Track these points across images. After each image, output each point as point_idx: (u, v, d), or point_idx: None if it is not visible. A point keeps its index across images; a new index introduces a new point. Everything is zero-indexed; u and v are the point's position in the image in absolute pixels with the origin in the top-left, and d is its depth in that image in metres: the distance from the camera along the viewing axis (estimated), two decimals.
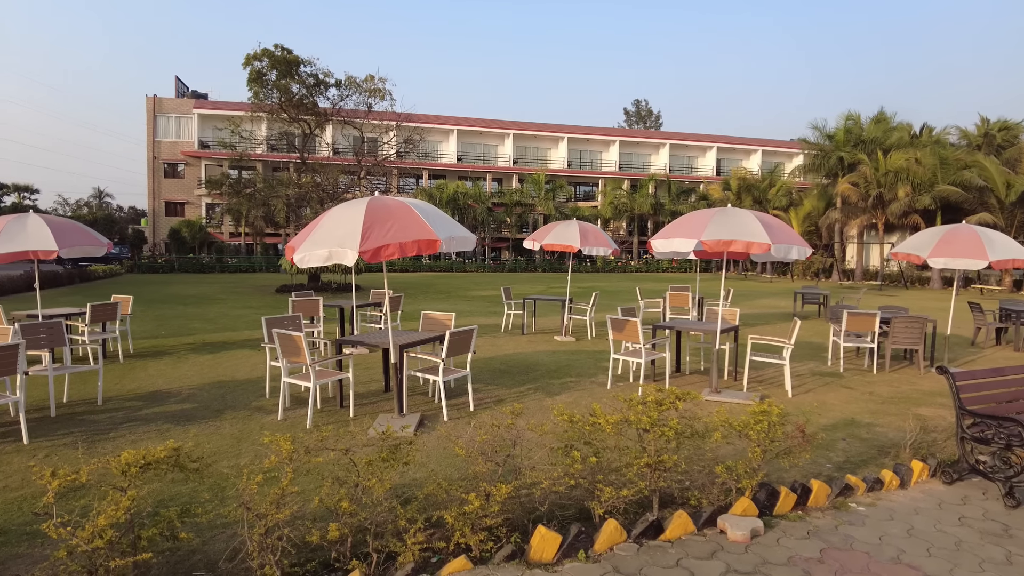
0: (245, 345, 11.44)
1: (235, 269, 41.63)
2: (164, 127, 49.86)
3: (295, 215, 29.02)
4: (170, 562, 3.67)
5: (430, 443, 5.82)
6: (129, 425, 6.43)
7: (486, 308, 18.63)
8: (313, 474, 3.86)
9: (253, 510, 3.19)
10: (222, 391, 7.89)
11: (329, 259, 5.60)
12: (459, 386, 8.05)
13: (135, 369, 9.20)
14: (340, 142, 44.79)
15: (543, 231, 12.20)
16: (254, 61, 25.39)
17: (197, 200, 49.71)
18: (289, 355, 6.58)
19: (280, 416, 6.69)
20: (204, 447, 5.66)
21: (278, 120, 28.04)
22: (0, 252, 8.00)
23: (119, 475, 3.10)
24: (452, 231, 6.15)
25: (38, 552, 3.80)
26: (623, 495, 4.01)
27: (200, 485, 4.68)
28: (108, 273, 33.26)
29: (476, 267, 47.05)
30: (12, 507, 4.40)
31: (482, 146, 57.36)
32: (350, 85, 26.53)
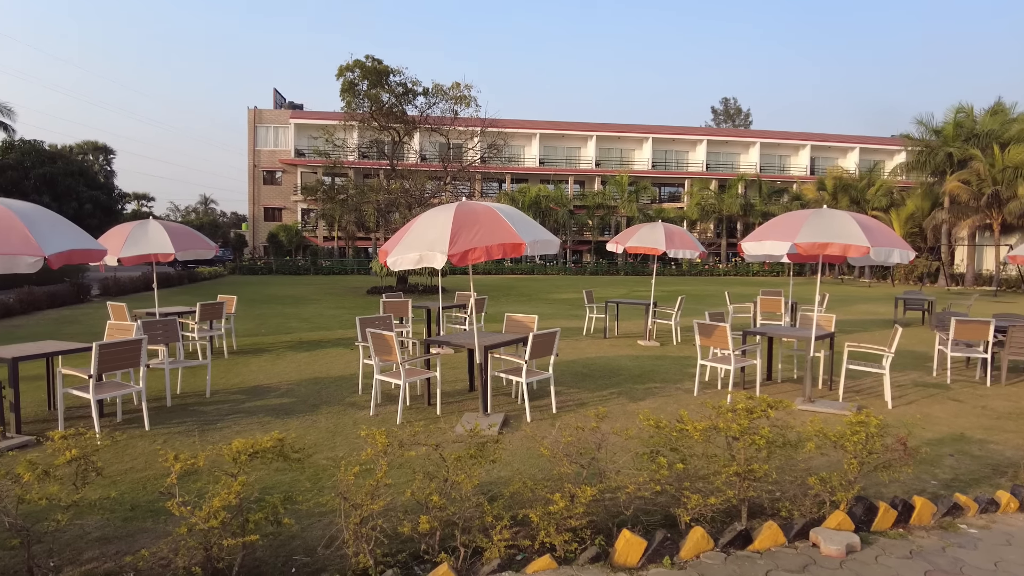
0: (339, 344, 11.98)
1: (328, 271, 43.55)
2: (263, 137, 52.88)
3: (384, 220, 30.06)
4: (272, 545, 3.92)
5: (514, 443, 5.91)
6: (234, 416, 6.90)
7: (567, 311, 18.63)
8: (405, 468, 4.03)
9: (350, 500, 3.37)
10: (318, 387, 8.32)
11: (420, 262, 5.80)
12: (541, 388, 8.12)
13: (238, 365, 9.84)
14: (427, 149, 46.01)
15: (627, 233, 12.09)
16: (347, 72, 26.52)
17: (293, 206, 52.42)
18: (381, 353, 6.86)
19: (372, 412, 6.99)
20: (303, 439, 5.99)
21: (369, 128, 29.13)
22: (127, 255, 8.80)
23: (230, 462, 3.35)
24: (536, 234, 6.23)
25: (160, 528, 4.15)
26: (710, 503, 3.95)
27: (300, 475, 4.97)
28: (213, 275, 35.64)
29: (557, 270, 47.07)
30: (138, 486, 4.84)
31: (564, 149, 57.36)
32: (437, 93, 27.22)
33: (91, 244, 5.95)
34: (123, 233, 9.17)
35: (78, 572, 3.62)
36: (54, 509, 3.42)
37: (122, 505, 4.50)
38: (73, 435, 3.37)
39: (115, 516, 4.33)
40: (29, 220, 5.46)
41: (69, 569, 3.64)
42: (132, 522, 4.28)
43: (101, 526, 4.20)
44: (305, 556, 3.83)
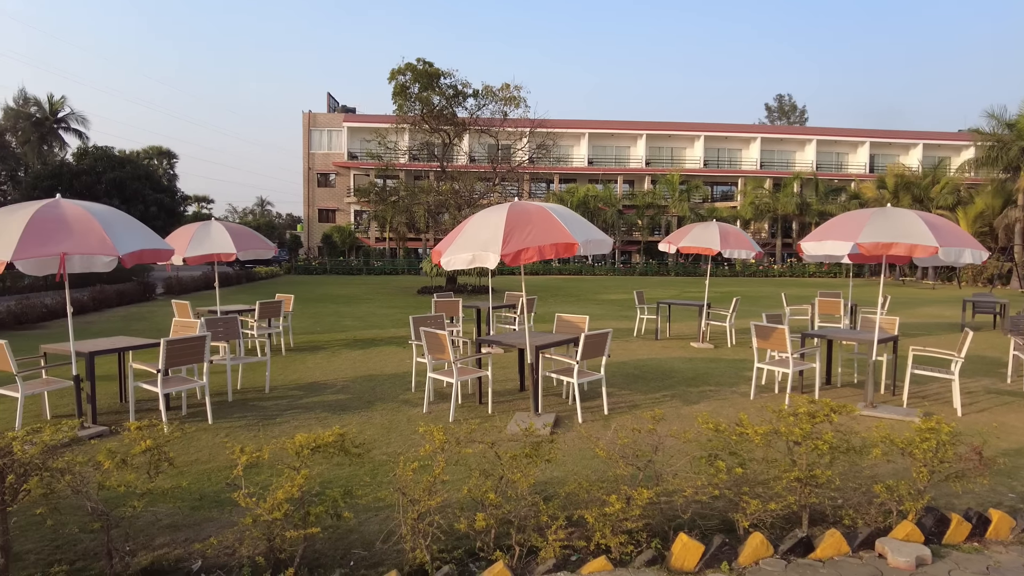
0: (391, 342, 12.19)
1: (380, 271, 44.34)
2: (317, 140, 54.21)
3: (434, 221, 30.42)
4: (332, 538, 4.01)
5: (567, 443, 5.89)
6: (292, 412, 7.09)
7: (617, 312, 18.46)
8: (461, 465, 4.07)
9: (408, 495, 3.43)
10: (372, 384, 8.48)
11: (472, 262, 5.85)
12: (592, 389, 8.07)
13: (295, 361, 10.11)
14: (476, 150, 46.37)
15: (680, 233, 11.90)
16: (398, 75, 26.93)
17: (346, 207, 53.58)
18: (434, 352, 6.94)
19: (425, 409, 7.08)
20: (361, 435, 6.11)
21: (420, 131, 29.51)
22: (191, 255, 9.16)
23: (293, 455, 3.45)
24: (589, 234, 6.20)
25: (225, 518, 4.30)
26: (770, 508, 3.85)
27: (358, 469, 5.07)
28: (270, 274, 36.74)
29: (606, 270, 46.71)
30: (203, 477, 5.03)
31: (613, 148, 56.90)
32: (487, 95, 27.37)
33: (160, 244, 6.22)
34: (188, 234, 9.55)
35: (151, 557, 3.78)
36: (130, 496, 3.58)
37: (190, 495, 4.69)
38: (147, 426, 3.53)
39: (184, 505, 4.51)
40: (105, 222, 5.75)
41: (143, 554, 3.81)
42: (199, 511, 4.45)
43: (171, 514, 4.38)
44: (363, 550, 3.91)
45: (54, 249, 5.32)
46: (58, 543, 3.93)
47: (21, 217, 5.48)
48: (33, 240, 5.29)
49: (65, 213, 5.67)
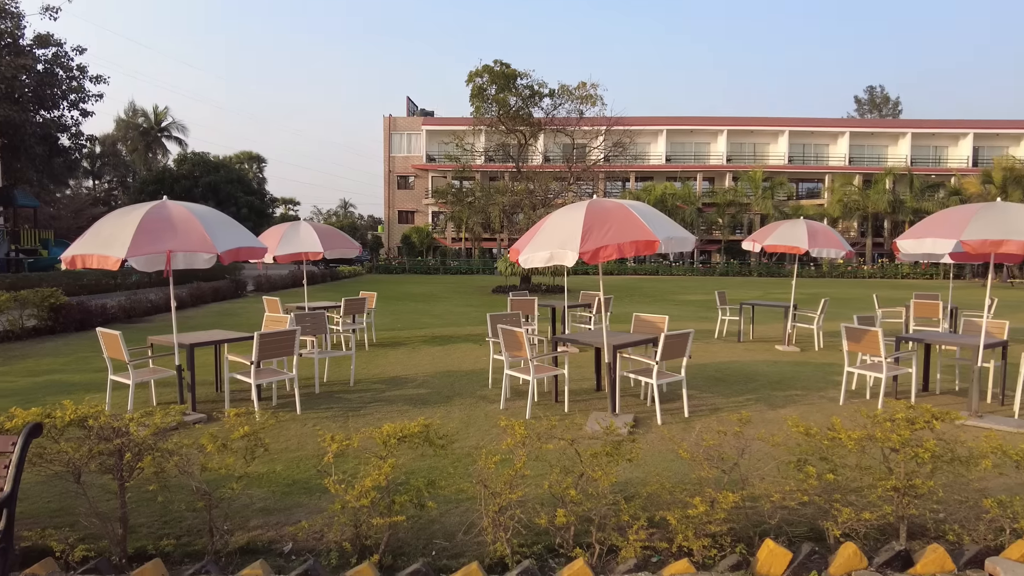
0: (468, 339, 12.38)
1: (456, 271, 45.10)
2: (397, 143, 55.68)
3: (509, 221, 30.66)
4: (414, 527, 4.12)
5: (646, 444, 5.81)
6: (375, 404, 7.32)
7: (696, 313, 18.02)
8: (541, 461, 4.09)
9: (489, 488, 3.47)
10: (451, 380, 8.64)
11: (551, 260, 5.86)
12: (672, 391, 7.92)
13: (378, 356, 10.43)
14: (552, 150, 46.37)
15: (765, 231, 11.49)
16: (476, 78, 27.31)
17: (424, 209, 54.78)
18: (511, 349, 7.00)
19: (502, 406, 7.15)
20: (442, 428, 6.24)
21: (496, 132, 29.80)
22: (281, 254, 9.62)
23: (381, 444, 3.56)
24: (671, 231, 6.09)
25: (313, 503, 4.50)
26: (864, 518, 3.66)
27: (439, 461, 5.19)
28: (352, 273, 38.07)
29: (684, 270, 45.66)
30: (293, 465, 5.27)
31: (692, 145, 55.53)
32: (563, 94, 27.34)
33: (255, 243, 6.56)
34: (278, 233, 10.04)
35: (246, 537, 4.00)
36: (229, 479, 3.81)
37: (281, 480, 4.92)
38: (244, 413, 3.74)
39: (275, 490, 4.74)
40: (206, 221, 6.13)
41: (239, 533, 4.03)
42: (289, 496, 4.67)
43: (264, 498, 4.62)
44: (444, 540, 3.99)
45: (161, 247, 5.72)
46: (166, 519, 4.23)
47: (133, 218, 5.93)
48: (144, 239, 5.71)
49: (171, 213, 6.08)
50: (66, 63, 26.05)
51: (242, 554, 3.81)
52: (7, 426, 3.42)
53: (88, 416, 3.55)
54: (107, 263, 5.68)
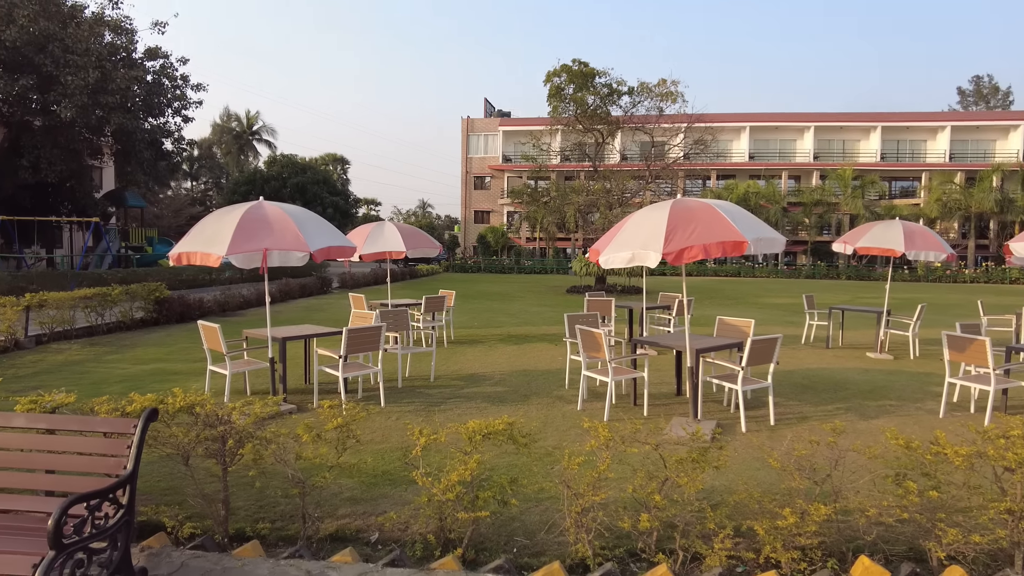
0: (543, 339, 12.41)
1: (530, 270, 45.27)
2: (475, 144, 56.43)
3: (584, 220, 30.48)
4: (495, 523, 4.17)
5: (730, 452, 5.64)
6: (455, 400, 7.47)
7: (781, 317, 17.34)
8: (624, 464, 4.06)
9: (572, 489, 3.48)
10: (527, 379, 8.69)
11: (632, 261, 5.79)
12: (756, 397, 7.67)
13: (456, 353, 10.62)
14: (629, 148, 45.76)
15: (857, 232, 10.93)
16: (554, 77, 27.31)
17: (500, 209, 55.28)
18: (589, 350, 6.97)
19: (579, 407, 7.13)
20: (524, 428, 6.30)
21: (573, 131, 29.70)
22: (366, 252, 9.95)
23: (466, 440, 3.64)
24: (759, 232, 5.89)
25: (398, 495, 4.64)
26: (973, 541, 3.43)
27: (519, 459, 5.23)
28: (430, 272, 38.91)
29: (767, 272, 44.01)
30: (378, 456, 5.45)
31: (777, 142, 53.41)
32: (642, 91, 26.95)
33: (344, 242, 6.83)
34: (364, 233, 10.39)
35: (335, 525, 4.17)
36: (321, 468, 3.98)
37: (368, 471, 5.10)
38: (337, 405, 3.90)
39: (362, 480, 4.92)
40: (299, 221, 6.42)
41: (328, 521, 4.21)
42: (375, 487, 4.83)
43: (351, 487, 4.80)
44: (525, 538, 4.03)
45: (258, 245, 6.04)
46: (262, 503, 4.47)
47: (233, 218, 6.29)
48: (242, 237, 6.05)
49: (267, 213, 6.42)
50: (171, 73, 27.86)
51: (332, 541, 3.98)
52: (128, 410, 3.70)
53: (196, 404, 3.80)
54: (209, 260, 6.05)
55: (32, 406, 3.78)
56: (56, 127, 24.49)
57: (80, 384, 8.02)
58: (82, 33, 23.97)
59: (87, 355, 10.30)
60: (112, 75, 23.95)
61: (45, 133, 24.94)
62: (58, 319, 11.81)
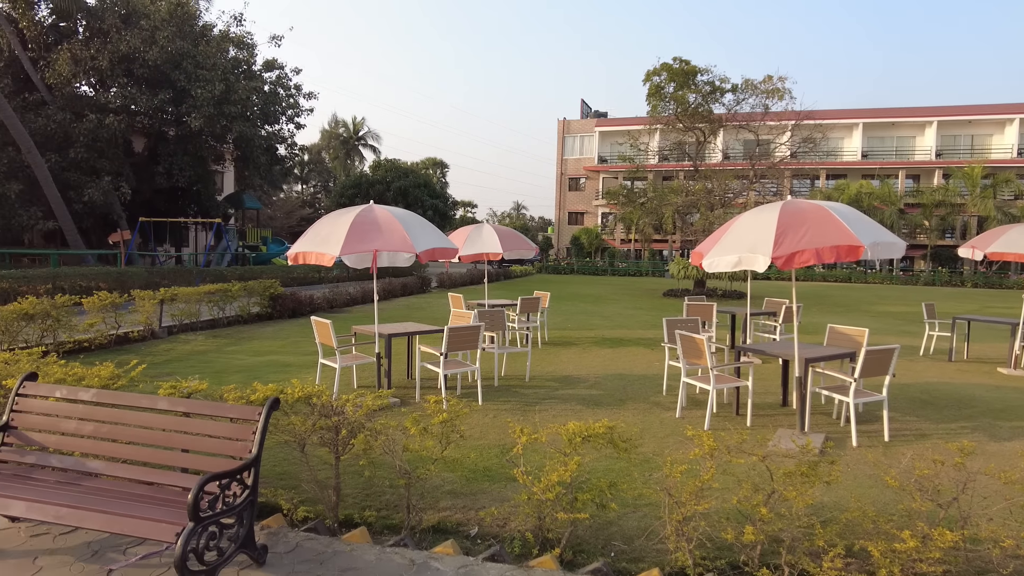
0: (639, 343, 12.23)
1: (624, 273, 44.68)
2: (570, 146, 56.39)
3: (683, 222, 29.73)
4: (592, 526, 4.18)
5: (840, 467, 5.36)
6: (550, 401, 7.51)
7: (897, 326, 16.19)
8: (727, 474, 3.96)
9: (674, 496, 3.43)
10: (623, 383, 8.60)
11: (738, 265, 5.62)
12: (869, 411, 7.22)
13: (550, 355, 10.68)
14: (732, 147, 44.20)
15: (988, 236, 10.03)
16: (653, 76, 26.85)
17: (594, 210, 54.94)
18: (689, 356, 6.82)
19: (678, 414, 6.99)
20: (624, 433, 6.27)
21: (673, 130, 29.07)
22: (465, 254, 10.20)
23: (566, 442, 3.67)
24: (877, 236, 5.55)
25: (496, 491, 4.74)
26: None
27: (617, 464, 5.21)
28: (523, 273, 39.25)
29: (880, 278, 41.16)
30: (477, 452, 5.58)
31: (894, 139, 49.83)
32: (747, 88, 25.98)
33: (448, 244, 7.05)
34: (463, 235, 10.66)
35: (437, 517, 4.32)
36: (425, 461, 4.13)
37: (467, 466, 5.24)
38: (441, 401, 4.04)
39: (462, 475, 5.06)
40: (406, 223, 6.70)
41: (430, 512, 4.36)
42: (474, 483, 4.96)
43: (452, 481, 4.95)
44: (623, 543, 4.01)
45: (369, 246, 6.35)
46: (368, 492, 4.69)
47: (345, 221, 6.65)
48: (354, 239, 6.38)
49: (377, 216, 6.73)
50: (286, 83, 29.75)
51: (433, 532, 4.13)
52: (252, 398, 4.01)
53: (313, 395, 4.05)
54: (323, 260, 6.43)
55: (172, 391, 4.16)
56: (186, 136, 26.74)
57: (205, 372, 8.71)
58: (211, 50, 26.06)
59: (210, 346, 11.17)
60: (235, 87, 25.86)
61: (177, 142, 27.28)
62: (186, 312, 12.89)
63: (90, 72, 24.83)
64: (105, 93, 25.38)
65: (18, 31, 25.10)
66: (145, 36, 24.38)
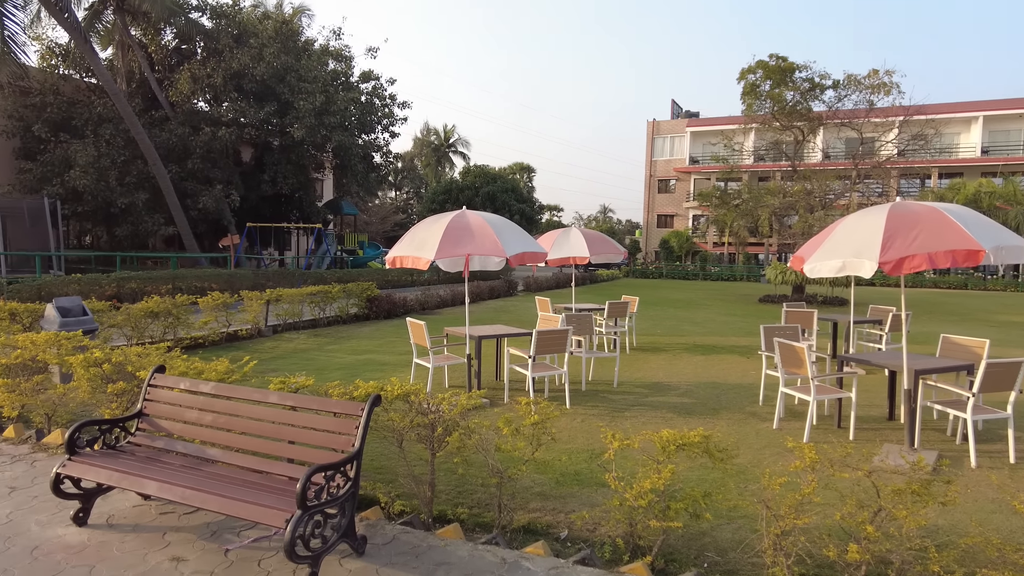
0: (733, 350, 11.84)
1: (717, 277, 43.31)
2: (660, 147, 55.34)
3: (780, 224, 28.49)
4: (684, 536, 4.10)
5: (957, 487, 4.99)
6: (639, 408, 7.42)
7: (1022, 337, 14.83)
8: (829, 489, 3.78)
9: (772, 509, 3.32)
10: (716, 391, 8.37)
11: (842, 270, 5.35)
12: (990, 429, 6.67)
13: (639, 361, 10.53)
14: (833, 145, 41.92)
15: None
16: (748, 74, 25.92)
17: (685, 212, 53.62)
18: (788, 365, 6.55)
19: (775, 425, 6.73)
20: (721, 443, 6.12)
21: (769, 129, 27.97)
22: (552, 258, 10.26)
23: (659, 449, 3.63)
24: (1000, 239, 5.14)
25: (584, 495, 4.74)
26: None
27: (710, 474, 5.09)
28: (609, 277, 38.88)
29: (1003, 284, 37.78)
30: (564, 456, 5.60)
31: (1020, 132, 45.61)
32: (850, 84, 24.58)
33: (537, 248, 7.12)
34: (551, 239, 10.72)
35: (527, 517, 4.38)
36: (516, 461, 4.20)
37: (556, 469, 5.27)
38: (533, 403, 4.10)
39: (552, 478, 5.10)
40: (497, 228, 6.82)
41: (520, 513, 4.42)
42: (562, 486, 4.98)
43: (541, 483, 4.99)
44: (716, 555, 3.91)
45: (462, 251, 6.52)
46: (461, 489, 4.82)
47: (440, 226, 6.86)
48: (448, 244, 6.57)
49: (469, 222, 6.90)
50: (381, 93, 30.92)
51: (524, 533, 4.18)
52: (354, 395, 4.22)
53: (410, 392, 4.21)
54: (419, 263, 6.65)
55: (281, 386, 4.44)
56: (289, 146, 28.31)
57: (307, 369, 9.20)
58: (312, 63, 27.49)
59: (311, 344, 11.78)
60: (334, 98, 27.15)
61: (281, 152, 28.94)
62: (289, 312, 13.66)
63: (206, 89, 26.79)
64: (218, 108, 27.31)
65: (147, 55, 27.47)
66: (254, 53, 26.06)
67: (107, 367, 5.17)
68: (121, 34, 26.28)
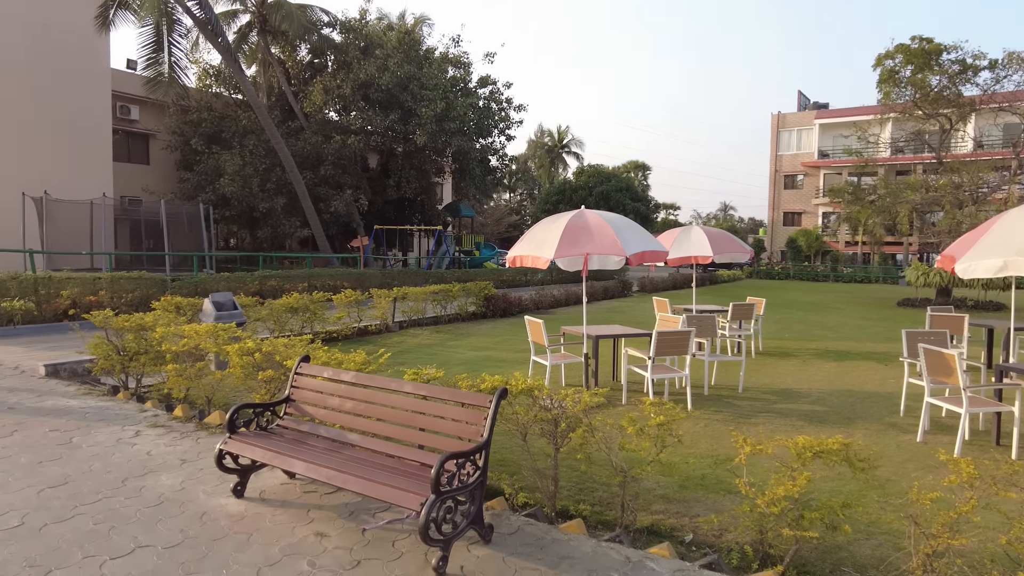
0: (870, 357, 11.04)
1: (849, 279, 40.43)
2: (786, 141, 52.39)
3: (921, 222, 26.16)
4: (818, 548, 3.90)
5: None
6: (766, 415, 7.10)
7: None
8: (991, 510, 3.44)
9: (922, 526, 3.09)
10: (851, 400, 7.85)
11: (1003, 270, 4.87)
12: None
13: (766, 365, 10.06)
14: (989, 133, 37.83)
15: None
16: (886, 60, 24.00)
17: (814, 209, 50.42)
18: (936, 374, 6.03)
19: (919, 438, 6.21)
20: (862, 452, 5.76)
21: (909, 119, 25.76)
22: (672, 257, 10.04)
23: (794, 456, 3.48)
24: None
25: (710, 500, 4.63)
26: None
27: (846, 485, 4.80)
28: (731, 278, 37.31)
29: None
30: (687, 459, 5.49)
31: None
32: (1011, 63, 22.10)
33: (658, 247, 7.01)
34: (670, 238, 10.48)
35: (650, 519, 4.34)
36: (640, 462, 4.18)
37: (681, 472, 5.18)
38: (659, 404, 4.06)
39: (675, 480, 5.02)
40: (616, 227, 6.79)
41: (643, 514, 4.39)
42: (686, 489, 4.89)
43: (664, 485, 4.93)
44: (854, 570, 3.69)
45: (581, 250, 6.56)
46: (582, 486, 4.86)
47: (559, 226, 6.93)
48: (567, 243, 6.63)
49: (588, 221, 6.92)
50: (498, 97, 31.57)
51: (647, 534, 4.15)
52: (481, 387, 4.38)
53: (534, 388, 4.30)
54: (539, 263, 6.76)
55: (415, 377, 4.69)
56: (412, 152, 29.61)
57: (431, 363, 9.58)
58: (433, 71, 28.57)
59: (434, 340, 12.27)
60: (454, 104, 28.07)
61: (404, 157, 30.32)
62: (414, 309, 14.30)
63: (336, 100, 28.61)
64: (347, 117, 29.05)
65: (285, 70, 29.77)
66: (379, 64, 27.50)
67: (258, 356, 5.68)
68: (263, 52, 28.64)
